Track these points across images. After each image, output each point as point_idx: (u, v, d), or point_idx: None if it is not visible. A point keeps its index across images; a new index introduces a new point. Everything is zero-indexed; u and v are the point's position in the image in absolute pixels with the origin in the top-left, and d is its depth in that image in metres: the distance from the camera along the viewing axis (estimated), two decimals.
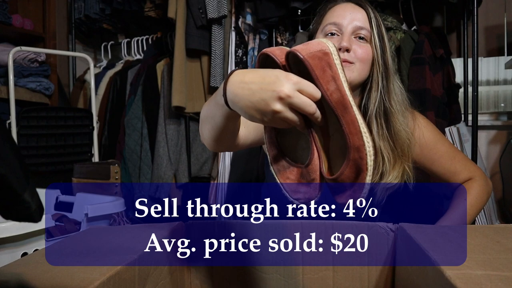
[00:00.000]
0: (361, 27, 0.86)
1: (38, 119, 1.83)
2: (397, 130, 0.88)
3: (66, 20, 2.62)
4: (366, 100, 0.89)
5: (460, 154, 1.00)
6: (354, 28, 0.86)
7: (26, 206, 0.37)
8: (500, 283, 0.39)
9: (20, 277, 0.46)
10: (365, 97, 0.89)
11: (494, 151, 1.94)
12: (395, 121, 0.88)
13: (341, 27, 0.87)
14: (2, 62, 1.94)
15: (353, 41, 0.86)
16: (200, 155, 2.09)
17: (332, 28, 0.88)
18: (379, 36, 0.87)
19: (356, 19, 0.87)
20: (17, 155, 0.37)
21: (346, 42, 0.84)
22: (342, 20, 0.87)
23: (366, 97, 0.89)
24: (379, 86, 0.87)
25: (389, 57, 0.89)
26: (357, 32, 0.87)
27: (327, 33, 0.89)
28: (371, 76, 0.88)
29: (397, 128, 0.88)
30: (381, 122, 0.87)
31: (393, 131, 0.88)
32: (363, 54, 0.85)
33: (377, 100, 0.87)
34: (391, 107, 0.88)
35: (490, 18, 1.93)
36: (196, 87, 1.97)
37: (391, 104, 0.88)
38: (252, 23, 1.87)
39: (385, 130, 0.87)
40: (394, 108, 0.88)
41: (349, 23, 0.86)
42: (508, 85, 1.95)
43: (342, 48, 0.84)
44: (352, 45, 0.85)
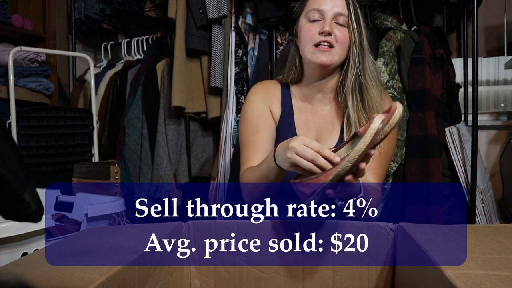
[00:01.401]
0: (340, 13, 0.98)
1: (38, 119, 1.82)
2: (372, 104, 0.99)
3: (66, 20, 2.62)
4: (343, 76, 1.02)
5: (387, 160, 1.05)
6: (334, 14, 0.98)
7: (26, 206, 0.37)
8: (500, 282, 0.39)
9: (20, 277, 0.46)
10: (342, 74, 1.02)
11: (494, 151, 1.94)
12: (370, 95, 0.99)
13: (323, 13, 0.99)
14: (2, 62, 1.94)
15: (334, 25, 0.98)
16: (200, 155, 2.09)
17: (315, 14, 1.00)
18: (356, 20, 0.99)
19: (336, 5, 0.99)
20: (17, 155, 0.37)
21: (328, 27, 0.97)
22: (324, 7, 0.99)
23: (344, 74, 1.01)
24: (356, 64, 0.99)
25: (365, 38, 1.01)
26: (337, 18, 0.98)
27: (310, 19, 1.00)
28: (349, 56, 1.00)
29: (372, 102, 0.99)
30: (357, 96, 0.99)
31: (368, 104, 0.99)
32: (342, 38, 0.98)
33: (353, 76, 0.99)
34: (366, 82, 0.99)
35: (490, 18, 1.92)
36: (196, 87, 1.97)
37: (366, 79, 0.99)
38: (252, 23, 1.87)
39: (359, 103, 0.99)
40: (368, 82, 0.99)
41: (330, 9, 0.98)
42: (508, 85, 1.95)
43: (324, 32, 0.97)
44: (333, 29, 0.97)
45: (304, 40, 1.01)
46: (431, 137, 1.48)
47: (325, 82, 1.05)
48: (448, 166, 1.62)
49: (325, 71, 1.01)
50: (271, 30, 1.82)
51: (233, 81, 1.88)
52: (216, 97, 1.96)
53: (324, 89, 1.06)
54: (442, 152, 1.59)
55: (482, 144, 1.93)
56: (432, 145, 1.48)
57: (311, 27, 1.00)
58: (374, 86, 1.00)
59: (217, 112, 1.96)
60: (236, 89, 1.87)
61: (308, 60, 1.01)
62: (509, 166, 1.85)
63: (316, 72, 1.03)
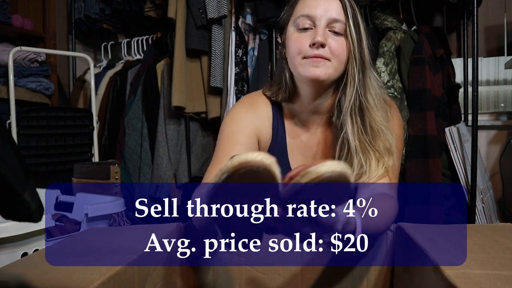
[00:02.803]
0: (336, 19, 0.79)
1: (38, 119, 1.83)
2: (377, 127, 0.81)
3: (66, 20, 2.62)
4: (340, 95, 0.84)
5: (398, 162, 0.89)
6: (328, 21, 0.79)
7: (26, 206, 0.37)
8: (499, 282, 0.39)
9: (20, 277, 0.46)
10: (340, 93, 0.84)
11: (494, 151, 1.94)
12: (373, 119, 0.81)
13: (315, 19, 0.80)
14: (2, 62, 1.94)
15: (328, 34, 0.79)
16: (200, 155, 2.09)
17: (305, 21, 0.81)
18: (355, 27, 0.80)
19: (331, 9, 0.80)
20: (17, 155, 0.37)
21: (320, 36, 0.77)
22: (315, 12, 0.80)
23: (341, 93, 0.83)
24: (355, 81, 0.81)
25: (366, 48, 0.82)
26: (331, 25, 0.80)
27: (299, 27, 0.81)
28: (347, 71, 0.82)
29: (376, 126, 0.81)
30: (357, 119, 0.81)
31: (371, 127, 0.81)
32: (338, 50, 0.79)
33: (352, 96, 0.81)
34: (367, 102, 0.81)
35: (490, 18, 1.93)
36: (196, 87, 1.97)
37: (367, 98, 0.82)
38: (252, 23, 1.87)
39: (360, 127, 0.81)
40: (370, 103, 0.82)
41: (322, 14, 0.79)
42: (508, 85, 1.95)
43: (316, 43, 0.78)
44: (328, 39, 0.78)
45: (292, 52, 0.82)
46: (431, 137, 1.48)
47: (321, 102, 0.87)
48: (448, 166, 1.62)
49: (319, 86, 0.83)
50: (271, 30, 1.82)
51: (233, 81, 1.88)
52: (216, 97, 1.96)
53: (320, 110, 0.88)
54: (442, 152, 1.59)
55: (482, 144, 1.93)
56: (432, 145, 1.48)
57: (300, 38, 0.81)
58: (378, 106, 0.83)
59: (217, 112, 1.96)
60: (236, 89, 1.87)
61: (298, 74, 0.82)
62: (509, 166, 1.85)
63: (309, 88, 0.84)
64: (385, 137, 0.81)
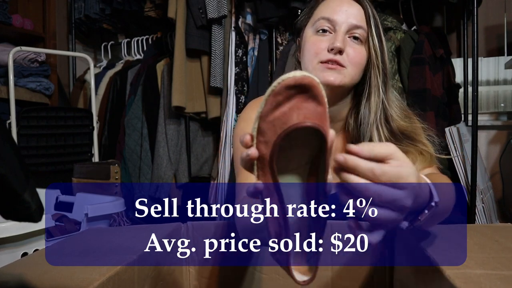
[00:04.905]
0: (358, 25, 0.77)
1: (38, 119, 1.83)
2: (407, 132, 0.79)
3: (66, 20, 2.62)
4: (364, 107, 0.80)
5: None
6: (349, 27, 0.76)
7: (26, 206, 0.37)
8: (499, 282, 0.39)
9: (20, 277, 0.46)
10: (363, 105, 0.80)
11: (494, 151, 1.94)
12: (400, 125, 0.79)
13: (335, 24, 0.77)
14: (2, 62, 1.94)
15: (347, 41, 0.76)
16: (200, 155, 2.09)
17: (324, 24, 0.78)
18: (378, 36, 0.78)
19: (352, 16, 0.77)
20: (17, 155, 0.37)
21: (339, 42, 0.74)
22: (337, 16, 0.77)
23: (365, 105, 0.80)
24: (380, 92, 0.78)
25: (387, 60, 0.80)
26: (352, 31, 0.77)
27: (318, 29, 0.78)
28: (369, 81, 0.79)
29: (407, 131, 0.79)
30: (383, 130, 0.78)
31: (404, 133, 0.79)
32: (356, 58, 0.76)
33: (378, 107, 0.78)
34: (392, 115, 0.79)
35: (490, 18, 1.93)
36: (196, 87, 1.98)
37: (393, 109, 0.80)
38: (252, 23, 1.87)
39: (389, 137, 0.78)
40: (395, 115, 0.80)
41: (344, 20, 0.76)
42: (508, 85, 1.95)
43: (335, 48, 0.75)
44: (346, 46, 0.76)
45: (308, 55, 0.79)
46: None
47: (338, 109, 0.83)
48: (448, 166, 1.62)
49: (332, 93, 0.78)
50: (271, 30, 1.82)
51: (233, 81, 1.88)
52: (216, 97, 1.96)
53: (336, 118, 0.84)
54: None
55: (482, 144, 1.93)
56: None
57: (318, 41, 0.78)
58: (402, 116, 0.81)
59: (217, 112, 1.96)
60: (236, 89, 1.87)
61: None
62: (509, 166, 1.85)
63: None
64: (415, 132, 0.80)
